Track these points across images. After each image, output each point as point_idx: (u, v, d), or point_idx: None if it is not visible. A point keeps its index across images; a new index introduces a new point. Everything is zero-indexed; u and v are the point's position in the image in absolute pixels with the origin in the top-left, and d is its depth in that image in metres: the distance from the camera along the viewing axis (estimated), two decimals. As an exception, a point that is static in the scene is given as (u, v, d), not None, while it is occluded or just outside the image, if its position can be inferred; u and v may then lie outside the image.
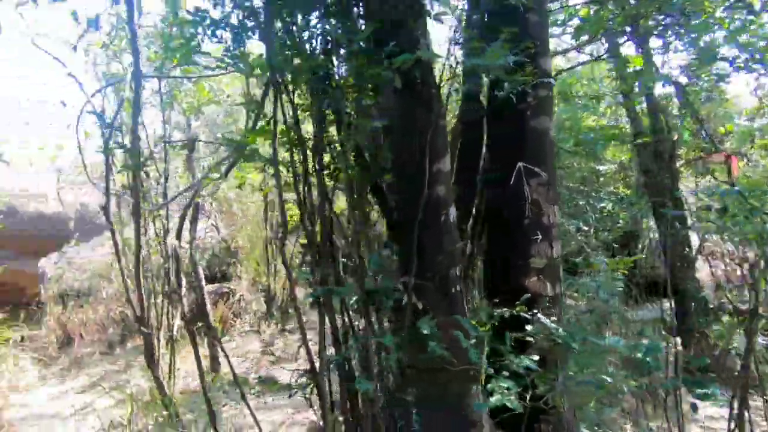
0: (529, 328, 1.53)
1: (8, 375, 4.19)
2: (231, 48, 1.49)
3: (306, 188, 1.70)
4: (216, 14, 1.48)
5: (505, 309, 1.49)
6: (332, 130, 1.73)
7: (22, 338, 4.77)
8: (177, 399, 4.19)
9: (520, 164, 1.63)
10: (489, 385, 1.31)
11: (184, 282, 5.12)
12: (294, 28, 1.47)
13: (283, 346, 5.49)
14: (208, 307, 4.37)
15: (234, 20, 1.45)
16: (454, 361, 1.30)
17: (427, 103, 1.40)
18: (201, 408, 3.70)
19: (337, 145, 1.64)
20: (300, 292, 6.54)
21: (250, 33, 1.46)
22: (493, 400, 1.29)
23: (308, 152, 1.62)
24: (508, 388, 1.30)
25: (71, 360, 5.45)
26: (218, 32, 1.48)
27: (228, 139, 2.70)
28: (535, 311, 1.55)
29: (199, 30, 1.51)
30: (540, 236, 1.74)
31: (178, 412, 2.91)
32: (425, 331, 1.26)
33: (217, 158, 6.39)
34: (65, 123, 5.28)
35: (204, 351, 5.26)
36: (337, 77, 1.54)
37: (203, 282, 4.47)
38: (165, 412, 2.88)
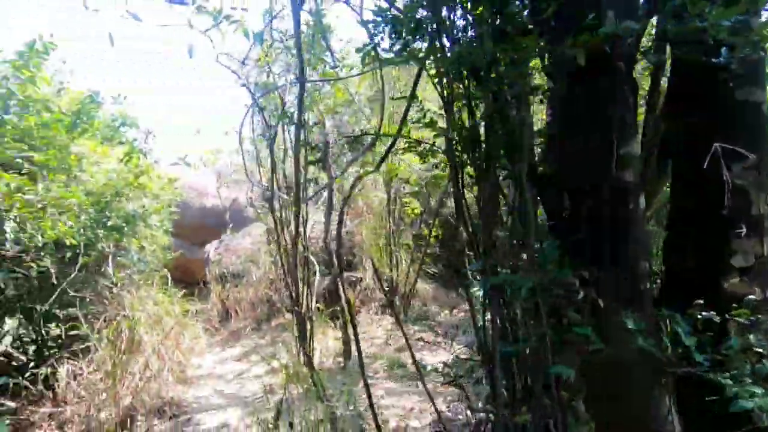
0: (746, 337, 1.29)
1: (187, 340, 5.06)
2: (409, 44, 1.54)
3: (461, 179, 1.69)
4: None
5: (712, 312, 1.28)
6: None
7: (195, 312, 5.74)
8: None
9: (716, 145, 1.38)
10: (733, 389, 1.14)
11: (317, 269, 5.62)
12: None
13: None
14: (342, 292, 4.71)
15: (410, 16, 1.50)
16: (662, 358, 1.17)
17: (616, 79, 1.27)
18: (338, 384, 4.05)
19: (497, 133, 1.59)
20: (419, 284, 6.68)
21: (428, 27, 1.49)
22: (743, 404, 1.11)
23: (466, 143, 1.60)
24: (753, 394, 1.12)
25: (229, 332, 6.39)
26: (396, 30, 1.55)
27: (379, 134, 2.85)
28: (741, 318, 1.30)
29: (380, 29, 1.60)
30: (744, 229, 1.45)
31: (324, 386, 3.17)
32: (630, 326, 1.16)
33: (347, 157, 6.80)
34: (223, 130, 6.16)
35: (335, 334, 5.71)
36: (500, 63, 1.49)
37: (340, 269, 4.82)
38: (313, 386, 3.16)
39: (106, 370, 4.03)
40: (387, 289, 6.36)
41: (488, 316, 1.67)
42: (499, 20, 1.43)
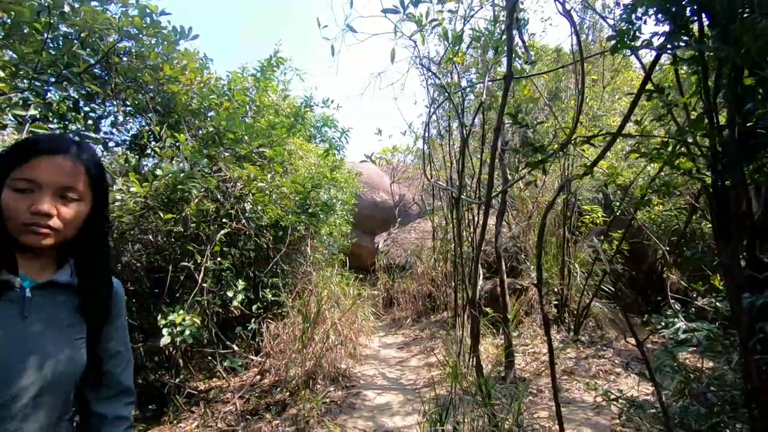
0: None
1: (359, 320, 5.55)
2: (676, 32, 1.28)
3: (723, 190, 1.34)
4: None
5: None
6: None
7: (365, 296, 6.27)
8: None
9: None
10: None
11: (481, 272, 5.46)
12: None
13: (574, 356, 5.07)
14: (507, 298, 4.48)
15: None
16: None
17: None
18: (498, 394, 3.86)
19: None
20: (594, 304, 5.90)
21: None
22: None
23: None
24: None
25: (392, 319, 6.77)
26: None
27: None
28: None
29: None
30: None
31: (491, 393, 3.04)
32: None
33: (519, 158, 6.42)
34: (400, 130, 6.48)
35: (497, 341, 5.49)
36: None
37: (504, 274, 4.60)
38: (479, 391, 3.06)
39: (296, 334, 4.71)
40: (556, 302, 5.80)
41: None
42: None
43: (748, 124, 1.20)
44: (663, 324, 4.73)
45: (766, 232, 1.29)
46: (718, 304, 3.44)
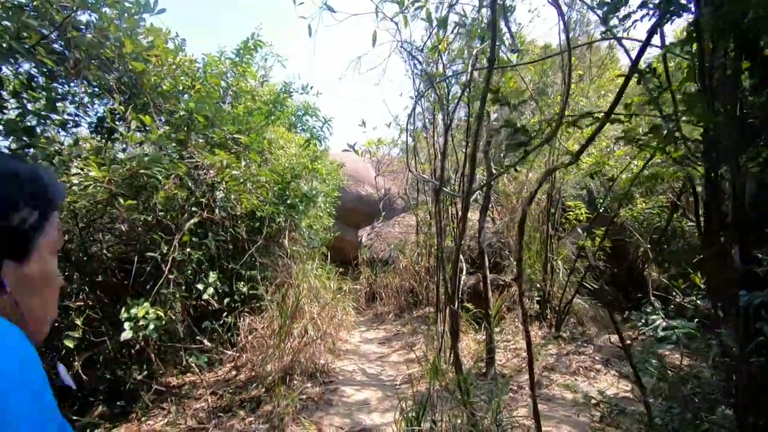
0: None
1: (339, 315, 5.43)
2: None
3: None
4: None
5: None
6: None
7: (347, 290, 6.14)
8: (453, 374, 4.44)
9: None
10: None
11: (464, 267, 5.39)
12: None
13: (555, 353, 5.04)
14: (490, 294, 4.41)
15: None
16: None
17: None
18: (478, 391, 3.79)
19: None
20: (576, 300, 5.90)
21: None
22: None
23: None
24: None
25: (374, 314, 6.67)
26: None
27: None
28: None
29: None
30: None
31: (470, 391, 2.96)
32: None
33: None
34: (385, 122, 6.35)
35: (479, 337, 5.43)
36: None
37: (487, 270, 4.52)
38: (457, 388, 2.97)
39: (273, 329, 4.56)
40: (539, 299, 5.77)
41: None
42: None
43: (745, 111, 1.11)
44: (643, 321, 4.73)
45: (757, 225, 1.21)
46: (698, 302, 3.43)
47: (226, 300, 3.99)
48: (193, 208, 2.81)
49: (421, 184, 6.25)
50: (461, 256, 5.09)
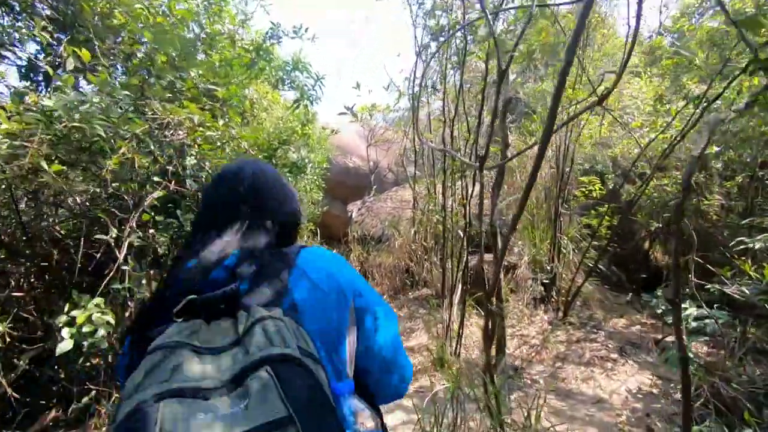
0: None
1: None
2: None
3: None
4: None
5: None
6: None
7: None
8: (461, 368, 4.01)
9: None
10: None
11: (465, 245, 4.90)
12: None
13: (565, 340, 4.68)
14: (501, 278, 3.95)
15: None
16: None
17: None
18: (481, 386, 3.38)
19: None
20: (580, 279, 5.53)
21: None
22: None
23: None
24: None
25: (366, 295, 6.17)
26: None
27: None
28: None
29: None
30: None
31: (500, 400, 2.50)
32: None
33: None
34: (381, 85, 5.67)
35: (479, 321, 5.02)
36: None
37: (499, 252, 4.03)
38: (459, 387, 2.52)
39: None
40: (547, 281, 5.37)
41: None
42: None
43: None
44: (663, 308, 4.37)
45: None
46: (745, 290, 3.04)
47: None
48: (155, 178, 2.16)
49: (420, 156, 5.66)
50: (463, 235, 4.59)
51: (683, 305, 4.07)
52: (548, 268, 5.41)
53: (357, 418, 0.68)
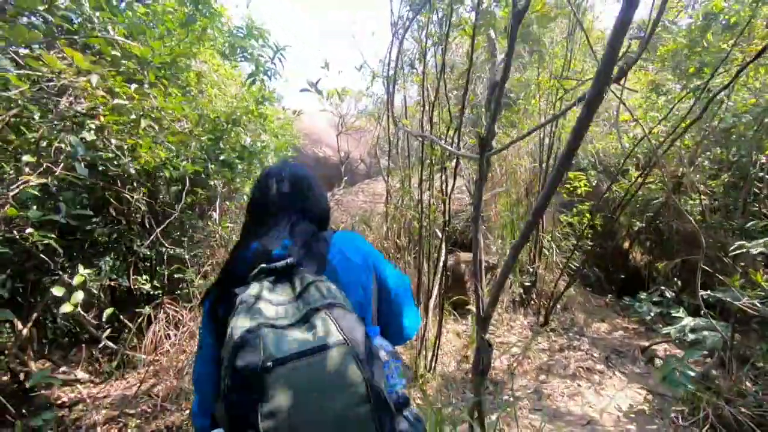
0: None
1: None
2: None
3: None
4: None
5: None
6: None
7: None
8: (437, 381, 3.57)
9: None
10: None
11: (443, 245, 4.44)
12: None
13: (547, 347, 4.32)
14: (483, 284, 3.50)
15: None
16: None
17: None
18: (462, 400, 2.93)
19: None
20: (564, 284, 5.20)
21: None
22: None
23: None
24: None
25: (333, 297, 5.62)
26: None
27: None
28: None
29: None
30: None
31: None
32: None
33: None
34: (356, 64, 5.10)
35: (459, 327, 4.59)
36: None
37: (482, 253, 3.59)
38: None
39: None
40: (529, 283, 5.00)
41: None
42: None
43: None
44: (651, 315, 4.05)
45: None
46: (757, 303, 2.71)
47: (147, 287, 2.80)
48: (26, 158, 1.53)
49: (395, 146, 5.14)
50: (438, 232, 4.13)
51: (677, 314, 3.76)
52: (529, 269, 5.04)
53: (380, 350, 0.88)
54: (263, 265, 0.83)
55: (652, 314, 3.94)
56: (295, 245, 0.90)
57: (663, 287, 4.17)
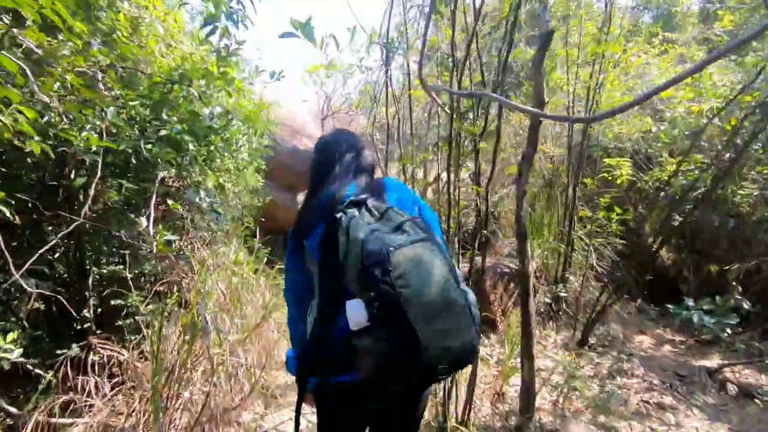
0: None
1: (275, 332, 3.34)
2: None
3: None
4: None
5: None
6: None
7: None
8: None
9: None
10: None
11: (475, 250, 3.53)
12: None
13: (592, 373, 3.48)
14: (532, 301, 2.61)
15: None
16: None
17: None
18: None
19: None
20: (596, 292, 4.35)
21: None
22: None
23: None
24: None
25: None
26: None
27: None
28: None
29: None
30: None
31: None
32: None
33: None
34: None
35: (488, 353, 3.70)
36: None
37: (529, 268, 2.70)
38: None
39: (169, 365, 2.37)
40: (563, 293, 4.16)
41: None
42: None
43: None
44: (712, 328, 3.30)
45: None
46: None
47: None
48: None
49: (393, 130, 4.16)
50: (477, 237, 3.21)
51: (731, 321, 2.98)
52: (559, 276, 4.20)
53: None
54: (353, 198, 1.13)
55: (711, 327, 3.17)
56: (361, 189, 1.22)
57: (739, 297, 3.38)
